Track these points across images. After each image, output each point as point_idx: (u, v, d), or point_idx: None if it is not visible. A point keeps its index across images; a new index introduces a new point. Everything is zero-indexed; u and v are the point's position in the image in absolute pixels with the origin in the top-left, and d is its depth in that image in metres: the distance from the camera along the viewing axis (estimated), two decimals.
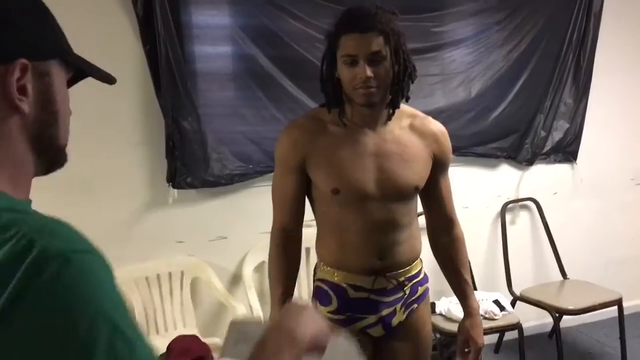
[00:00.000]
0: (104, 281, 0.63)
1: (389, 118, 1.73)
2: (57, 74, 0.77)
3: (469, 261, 1.97)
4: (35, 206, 0.86)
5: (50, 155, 0.78)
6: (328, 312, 1.80)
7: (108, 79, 0.83)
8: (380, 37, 1.59)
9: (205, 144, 2.81)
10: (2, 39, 0.70)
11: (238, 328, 1.15)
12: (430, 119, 1.82)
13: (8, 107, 0.71)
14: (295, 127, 1.77)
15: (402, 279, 1.79)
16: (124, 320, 0.62)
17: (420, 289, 1.85)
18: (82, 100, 2.82)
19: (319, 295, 1.83)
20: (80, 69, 0.82)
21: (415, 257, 1.83)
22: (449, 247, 1.90)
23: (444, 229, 1.90)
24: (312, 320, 0.94)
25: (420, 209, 1.88)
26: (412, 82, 1.71)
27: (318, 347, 0.94)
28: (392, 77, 1.64)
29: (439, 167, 1.81)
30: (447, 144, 1.82)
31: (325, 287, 1.81)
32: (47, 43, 0.76)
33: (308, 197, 1.81)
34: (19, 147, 0.73)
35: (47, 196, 2.90)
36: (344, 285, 1.78)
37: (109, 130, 2.71)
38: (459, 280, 1.91)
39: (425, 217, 1.93)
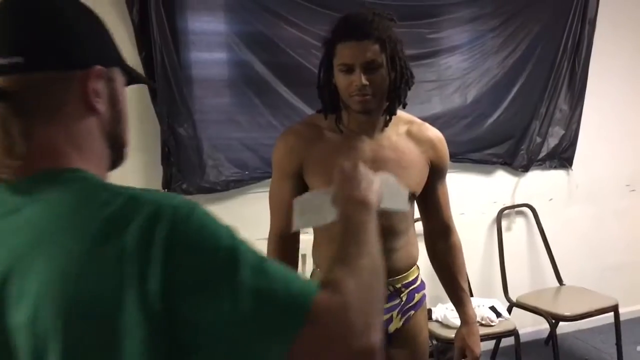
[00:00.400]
0: (217, 220, 0.76)
1: (386, 125, 1.72)
2: (119, 79, 0.87)
3: (465, 268, 1.96)
4: None
5: (118, 152, 0.88)
6: None
7: (149, 84, 0.93)
8: (376, 45, 1.58)
9: (201, 151, 2.80)
10: (82, 49, 0.81)
11: (302, 201, 1.29)
12: (427, 125, 1.81)
13: (87, 108, 0.81)
14: (291, 133, 1.77)
15: (398, 285, 1.79)
16: (244, 242, 0.75)
17: (417, 296, 1.85)
18: None
19: None
20: (129, 76, 0.91)
21: (412, 263, 1.83)
22: (446, 254, 1.90)
23: (441, 236, 1.90)
24: (370, 180, 1.06)
25: (417, 215, 1.88)
26: (409, 89, 1.71)
27: (379, 198, 1.05)
28: (388, 84, 1.64)
29: (436, 173, 1.80)
30: (445, 150, 1.81)
31: None
32: (112, 52, 0.87)
33: None
34: (98, 143, 0.84)
35: None
36: None
37: None
38: (456, 288, 1.91)
39: (423, 224, 1.93)
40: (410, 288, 1.82)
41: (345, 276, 0.78)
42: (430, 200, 1.85)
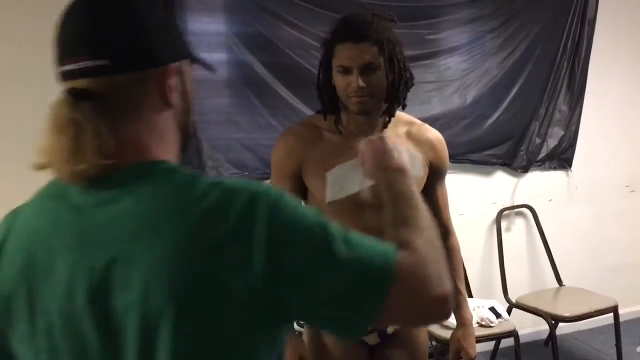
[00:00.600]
0: (300, 203, 0.84)
1: (385, 126, 1.72)
2: (187, 70, 0.91)
3: (464, 270, 1.96)
4: None
5: (186, 140, 0.93)
6: None
7: (212, 69, 0.99)
8: (374, 47, 1.58)
9: (200, 151, 2.80)
10: (160, 48, 0.84)
11: (333, 173, 1.38)
12: (427, 126, 1.81)
13: (164, 103, 0.86)
14: (291, 134, 1.76)
15: None
16: (326, 218, 0.83)
17: None
18: None
19: None
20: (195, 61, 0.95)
21: None
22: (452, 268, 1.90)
23: (441, 237, 1.89)
24: (398, 150, 1.16)
25: None
26: (409, 90, 1.71)
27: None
28: (387, 86, 1.64)
29: (435, 174, 1.80)
30: (444, 151, 1.81)
31: None
32: (182, 45, 0.91)
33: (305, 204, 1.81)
34: (172, 134, 0.89)
35: None
36: None
37: None
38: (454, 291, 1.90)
39: None
40: None
41: (412, 236, 0.89)
42: (429, 201, 1.83)
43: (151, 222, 0.78)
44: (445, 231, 1.88)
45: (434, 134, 1.80)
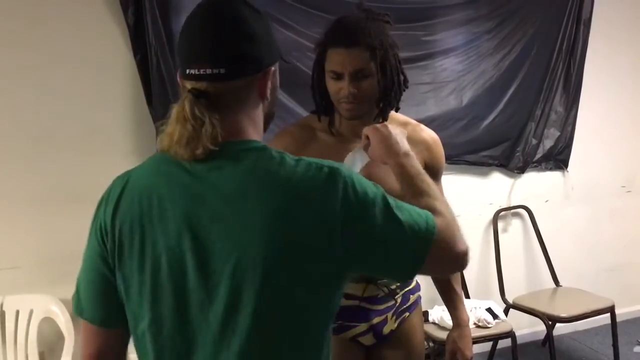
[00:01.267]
0: (362, 177, 1.04)
1: None
2: (277, 69, 1.12)
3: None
4: (29, 216, 0.92)
5: (270, 119, 1.15)
6: None
7: (289, 62, 1.22)
8: (366, 53, 1.57)
9: None
10: (264, 56, 1.05)
11: (352, 154, 1.50)
12: (422, 126, 1.81)
13: (261, 98, 1.08)
14: (285, 134, 1.77)
15: (393, 287, 1.78)
16: (382, 190, 1.04)
17: (412, 298, 1.84)
18: (73, 111, 2.83)
19: None
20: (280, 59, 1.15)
21: None
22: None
23: None
24: (400, 134, 1.34)
25: None
26: (402, 93, 1.71)
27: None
28: (379, 91, 1.63)
29: (431, 175, 1.78)
30: (439, 151, 1.80)
31: None
32: (276, 51, 1.10)
33: None
34: (261, 120, 1.10)
35: (40, 207, 2.90)
36: None
37: (99, 140, 2.70)
38: (449, 291, 1.90)
39: None
40: (405, 289, 1.82)
41: (434, 203, 1.11)
42: None
43: (251, 189, 0.97)
44: None
45: (429, 134, 1.80)
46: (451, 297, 1.90)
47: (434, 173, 1.80)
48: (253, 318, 0.94)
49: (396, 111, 1.74)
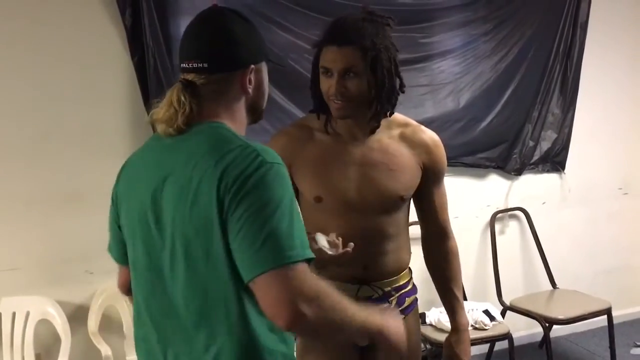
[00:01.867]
0: (287, 184, 1.14)
1: (373, 131, 1.72)
2: (264, 68, 1.32)
3: (460, 275, 1.94)
4: (26, 217, 0.92)
5: (257, 115, 1.36)
6: None
7: (283, 65, 1.48)
8: (357, 52, 1.58)
9: None
10: (244, 56, 1.26)
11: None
12: (423, 128, 1.80)
13: (242, 92, 1.27)
14: (283, 134, 1.78)
15: (388, 289, 1.78)
16: (293, 205, 1.12)
17: (408, 300, 1.84)
18: (71, 112, 2.83)
19: None
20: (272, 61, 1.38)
21: (403, 268, 1.82)
22: (441, 259, 1.89)
23: (437, 239, 1.88)
24: (396, 321, 1.35)
25: (412, 219, 1.87)
26: (396, 97, 1.70)
27: (388, 340, 1.31)
28: (370, 92, 1.63)
29: (430, 177, 1.79)
30: (440, 153, 1.79)
31: None
32: (260, 52, 1.31)
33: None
34: (242, 112, 1.30)
35: (37, 208, 2.89)
36: None
37: (97, 141, 2.70)
38: (448, 295, 1.89)
39: (420, 227, 1.91)
40: (401, 292, 1.81)
41: (324, 296, 1.12)
42: (427, 203, 1.83)
43: (196, 157, 1.15)
44: (442, 233, 1.87)
45: (429, 135, 1.79)
46: (451, 301, 1.89)
47: (434, 175, 1.79)
48: (184, 258, 1.15)
49: (390, 115, 1.74)
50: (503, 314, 3.24)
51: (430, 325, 2.99)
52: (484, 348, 3.39)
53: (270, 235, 1.06)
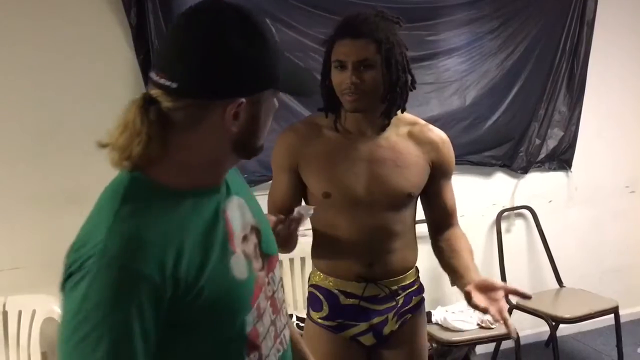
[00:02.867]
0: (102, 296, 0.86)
1: (383, 128, 1.72)
2: (268, 99, 0.99)
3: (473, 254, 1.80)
4: (30, 216, 0.93)
5: (248, 152, 1.02)
6: (319, 318, 1.79)
7: (305, 94, 1.15)
8: (371, 45, 1.58)
9: None
10: (228, 83, 0.92)
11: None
12: (430, 126, 1.80)
13: (223, 128, 0.95)
14: (290, 131, 1.77)
15: (394, 287, 1.77)
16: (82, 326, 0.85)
17: (415, 299, 1.83)
18: (75, 111, 2.82)
19: (311, 300, 1.83)
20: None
21: (409, 266, 1.82)
22: (451, 240, 1.76)
23: (446, 231, 1.82)
24: None
25: (418, 217, 1.86)
26: (407, 94, 1.70)
27: None
28: (383, 86, 1.63)
29: (439, 174, 1.78)
30: (448, 151, 1.79)
31: (317, 293, 1.81)
32: (264, 79, 0.96)
33: (305, 203, 1.81)
34: (219, 152, 0.99)
35: (42, 207, 2.89)
36: (336, 291, 1.77)
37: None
38: (461, 256, 1.68)
39: (427, 225, 1.88)
40: (408, 291, 1.81)
41: None
42: (436, 201, 1.82)
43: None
44: (451, 230, 1.80)
45: (437, 134, 1.79)
46: (465, 259, 1.68)
47: (443, 173, 1.78)
48: None
49: (402, 112, 1.74)
50: (509, 312, 3.20)
51: (437, 324, 2.98)
52: (490, 347, 3.38)
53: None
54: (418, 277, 1.87)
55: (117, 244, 0.86)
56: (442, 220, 1.83)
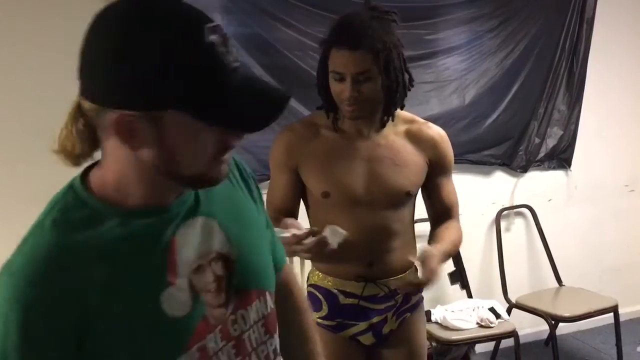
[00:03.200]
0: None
1: (383, 126, 1.72)
2: (177, 121, 0.81)
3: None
4: (30, 216, 0.94)
5: (178, 180, 0.88)
6: (318, 317, 1.80)
7: (241, 129, 0.95)
8: (369, 55, 1.56)
9: None
10: (118, 92, 0.81)
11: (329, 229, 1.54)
12: (429, 124, 1.80)
13: (122, 141, 0.84)
14: (289, 131, 1.77)
15: (393, 287, 1.78)
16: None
17: (414, 298, 1.84)
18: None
19: (310, 300, 1.83)
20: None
21: (408, 266, 1.81)
22: (441, 228, 1.76)
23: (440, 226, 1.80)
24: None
25: (417, 216, 1.87)
26: (406, 93, 1.71)
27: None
28: (383, 92, 1.63)
29: (438, 171, 1.78)
30: (446, 148, 1.79)
31: (316, 293, 1.81)
32: (153, 96, 0.80)
33: (304, 203, 1.81)
34: (125, 174, 0.88)
35: (41, 207, 2.89)
36: (335, 291, 1.78)
37: None
38: (440, 233, 1.72)
39: (429, 221, 1.88)
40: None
41: None
42: (436, 197, 1.82)
43: None
44: (447, 220, 1.79)
45: (435, 131, 1.79)
46: (442, 234, 1.72)
47: (442, 169, 1.79)
48: None
49: (401, 109, 1.74)
50: (509, 311, 3.23)
51: (436, 323, 2.98)
52: (490, 346, 3.38)
53: None
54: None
55: (20, 262, 0.84)
56: (442, 215, 1.83)
